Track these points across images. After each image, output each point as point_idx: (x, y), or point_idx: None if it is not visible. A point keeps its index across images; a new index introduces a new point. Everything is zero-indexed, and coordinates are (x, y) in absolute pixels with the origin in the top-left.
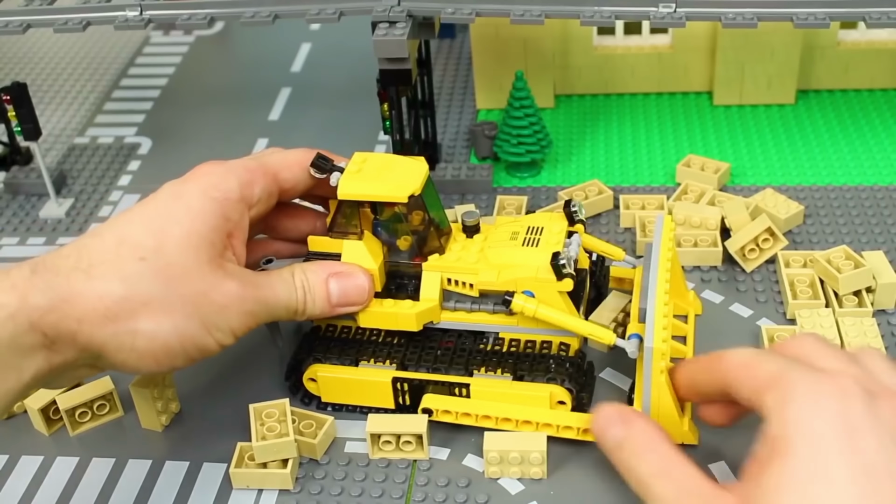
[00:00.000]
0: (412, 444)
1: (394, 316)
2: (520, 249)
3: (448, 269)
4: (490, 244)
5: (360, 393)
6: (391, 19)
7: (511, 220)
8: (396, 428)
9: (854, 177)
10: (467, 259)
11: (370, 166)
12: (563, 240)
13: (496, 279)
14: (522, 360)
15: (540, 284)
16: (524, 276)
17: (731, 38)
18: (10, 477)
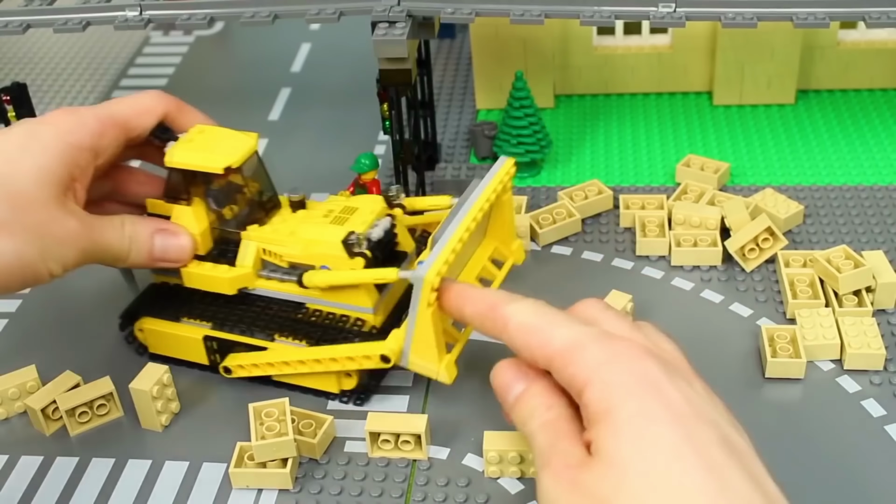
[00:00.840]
0: (411, 443)
1: (211, 278)
2: (325, 226)
3: (263, 240)
4: (304, 220)
5: (178, 347)
6: (391, 19)
7: (336, 199)
8: (395, 427)
9: (854, 177)
10: (282, 232)
11: (203, 138)
12: (371, 220)
13: (300, 252)
14: (318, 329)
15: (335, 261)
16: (322, 252)
17: (731, 38)
18: (10, 477)
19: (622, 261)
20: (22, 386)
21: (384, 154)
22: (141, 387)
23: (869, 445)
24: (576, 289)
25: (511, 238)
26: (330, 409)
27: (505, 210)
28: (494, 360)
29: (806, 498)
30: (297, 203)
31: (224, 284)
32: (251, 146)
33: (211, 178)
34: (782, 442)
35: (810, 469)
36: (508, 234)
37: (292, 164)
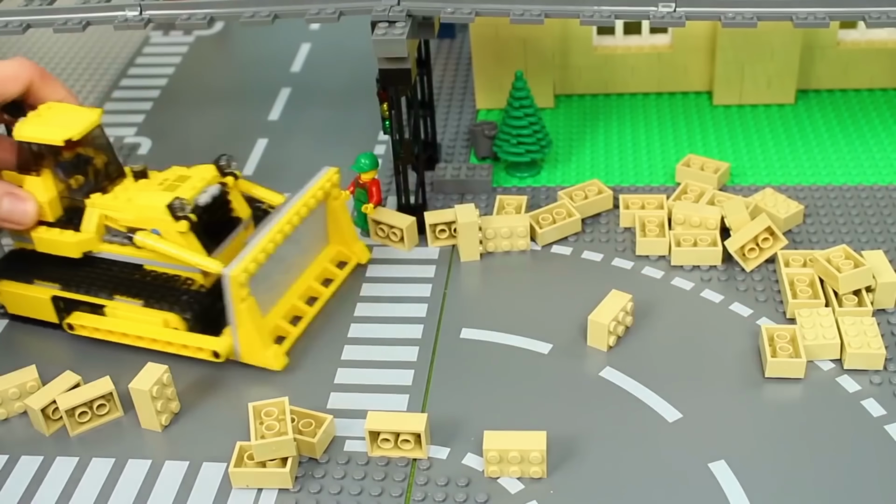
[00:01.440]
0: (410, 442)
1: (59, 242)
2: (157, 193)
3: (105, 207)
4: (142, 188)
5: (32, 307)
6: (391, 19)
7: (174, 170)
8: (395, 426)
9: (854, 177)
10: (121, 199)
11: (50, 113)
12: (200, 187)
13: (134, 217)
14: (151, 287)
15: (162, 224)
16: (152, 216)
17: (731, 38)
18: (9, 477)
19: (622, 261)
20: (22, 386)
21: (384, 154)
22: (140, 387)
23: (869, 445)
24: (576, 289)
25: (352, 240)
26: (330, 408)
27: (339, 216)
28: (495, 361)
29: (806, 498)
30: (139, 173)
31: (70, 248)
32: (93, 121)
33: (57, 150)
34: (782, 442)
35: (810, 469)
36: (349, 237)
37: (292, 164)
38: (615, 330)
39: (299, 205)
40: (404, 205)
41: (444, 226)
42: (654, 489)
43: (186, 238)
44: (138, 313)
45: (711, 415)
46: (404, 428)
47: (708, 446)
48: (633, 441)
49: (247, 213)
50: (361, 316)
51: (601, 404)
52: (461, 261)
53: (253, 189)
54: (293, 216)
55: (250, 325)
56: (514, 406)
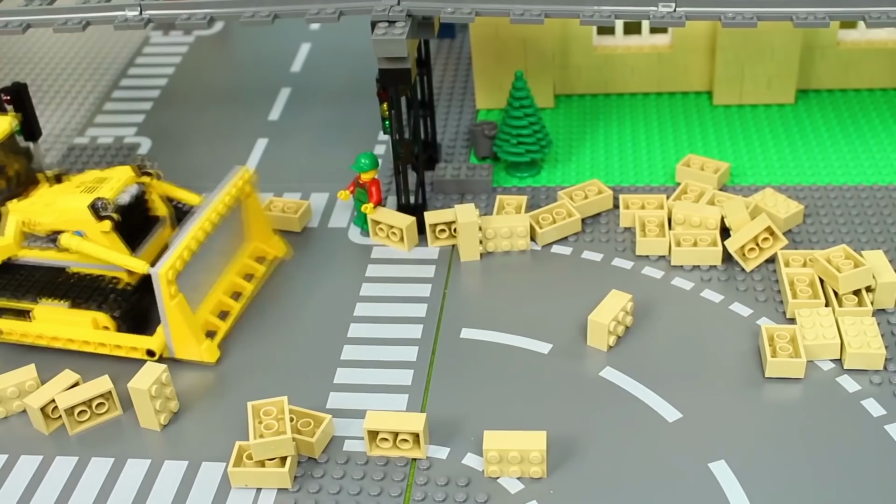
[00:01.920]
0: (409, 442)
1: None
2: (77, 195)
3: (23, 212)
4: (60, 191)
5: None
6: (390, 19)
7: (90, 173)
8: (393, 426)
9: (854, 177)
10: (39, 204)
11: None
12: (119, 188)
13: (55, 220)
14: (76, 289)
15: (85, 225)
16: (74, 218)
17: (731, 38)
18: (9, 477)
19: (622, 261)
20: (21, 385)
21: (384, 154)
22: (139, 386)
23: (869, 445)
24: (576, 289)
25: (269, 236)
26: (329, 408)
27: (254, 213)
28: (495, 361)
29: (806, 498)
30: (54, 178)
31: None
32: (5, 129)
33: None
34: (782, 442)
35: (810, 469)
36: (265, 233)
37: (292, 164)
38: (615, 330)
39: (216, 203)
40: (404, 205)
41: (444, 226)
42: (654, 489)
43: (110, 238)
44: (66, 315)
45: (711, 415)
46: (403, 427)
47: (708, 446)
48: (633, 441)
49: (165, 213)
50: (361, 316)
51: (601, 404)
52: (461, 261)
53: (171, 190)
54: (212, 214)
55: (182, 322)
56: (514, 406)
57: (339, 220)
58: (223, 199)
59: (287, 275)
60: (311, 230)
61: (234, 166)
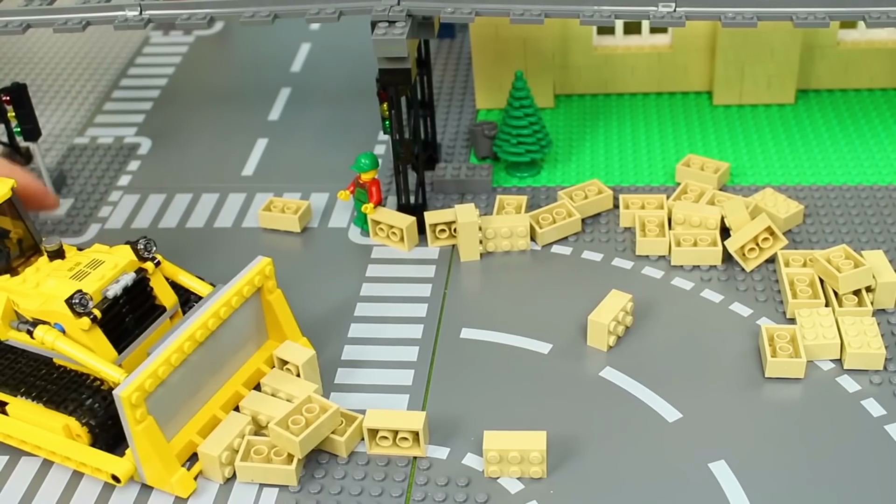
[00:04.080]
0: (409, 440)
1: None
2: (64, 281)
3: (12, 291)
4: (51, 272)
5: None
6: (390, 19)
7: (89, 252)
8: (393, 424)
9: (854, 177)
10: (29, 283)
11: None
12: (112, 276)
13: (37, 307)
14: (54, 387)
15: (65, 319)
16: (54, 310)
17: (731, 38)
18: (10, 477)
19: (622, 261)
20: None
21: (384, 154)
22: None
23: (869, 445)
24: (576, 289)
25: (295, 337)
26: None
27: (276, 310)
28: (495, 361)
29: (806, 498)
30: (53, 252)
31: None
32: (3, 192)
33: None
34: (782, 442)
35: (810, 469)
36: (289, 333)
37: (292, 164)
38: (615, 330)
39: (218, 304)
40: (404, 205)
41: (444, 226)
42: (654, 489)
43: (91, 335)
44: (39, 416)
45: (711, 415)
46: (402, 426)
47: (708, 446)
48: (633, 441)
49: (172, 301)
50: (361, 315)
51: (601, 404)
52: (461, 261)
53: (178, 275)
54: (209, 318)
55: (150, 450)
56: (513, 406)
57: (339, 220)
58: (227, 299)
59: (287, 275)
60: (311, 230)
61: (256, 257)
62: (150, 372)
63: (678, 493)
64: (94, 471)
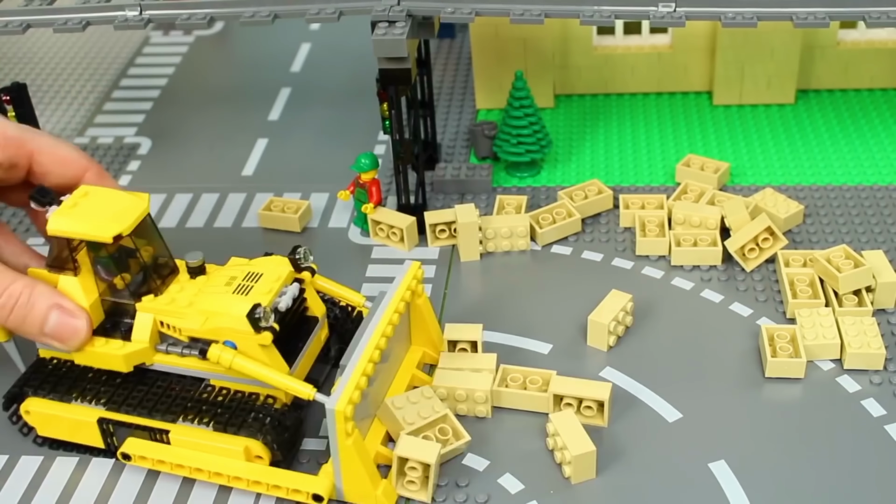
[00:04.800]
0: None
1: (104, 355)
2: (228, 297)
3: (161, 312)
4: (204, 289)
5: (72, 430)
6: (391, 19)
7: (238, 264)
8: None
9: (854, 177)
10: (180, 303)
11: (88, 202)
12: (278, 288)
13: (200, 326)
14: (224, 409)
15: (240, 336)
16: (226, 327)
17: (731, 38)
18: (10, 477)
19: (622, 260)
20: None
21: (384, 154)
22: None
23: (869, 445)
24: (576, 289)
25: (438, 340)
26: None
27: (423, 315)
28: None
29: (806, 498)
30: (195, 269)
31: (118, 361)
32: (142, 209)
33: (99, 245)
34: (782, 442)
35: (810, 469)
36: (434, 337)
37: (292, 164)
38: (615, 330)
39: (390, 312)
40: (404, 205)
41: (444, 226)
42: (655, 489)
43: (268, 352)
44: (209, 440)
45: (711, 415)
46: (588, 394)
47: (708, 446)
48: (633, 441)
49: (322, 311)
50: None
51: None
52: (461, 261)
53: (330, 287)
54: (386, 328)
55: (358, 463)
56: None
57: (339, 220)
58: (396, 305)
59: None
60: (311, 230)
61: (405, 262)
62: (355, 384)
63: (678, 493)
64: (292, 492)
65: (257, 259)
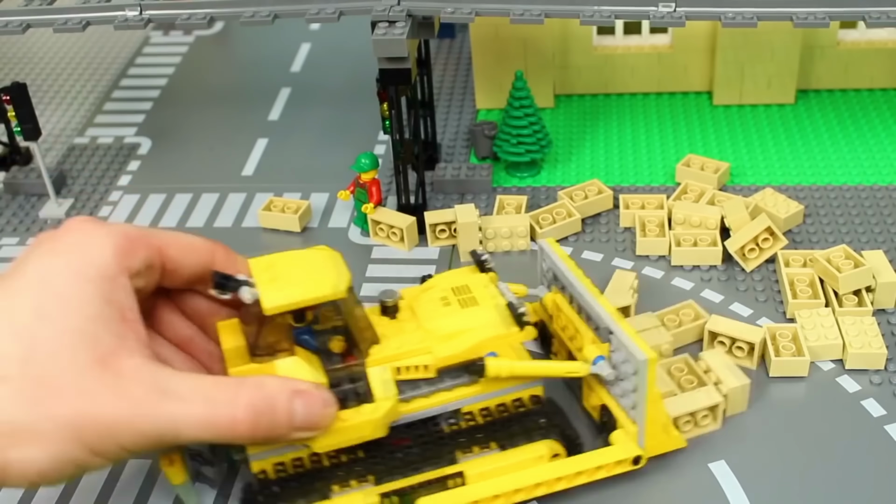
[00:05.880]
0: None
1: (357, 427)
2: (465, 312)
3: (396, 358)
4: (425, 317)
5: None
6: (391, 19)
7: (427, 288)
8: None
9: (854, 177)
10: (411, 341)
11: (281, 270)
12: (495, 291)
13: (457, 350)
14: (500, 426)
15: (502, 341)
16: (486, 338)
17: (731, 38)
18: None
19: (622, 260)
20: None
21: (384, 154)
22: None
23: (869, 445)
24: None
25: None
26: None
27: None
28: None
29: (806, 498)
30: (391, 308)
31: (374, 427)
32: (339, 256)
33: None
34: (782, 442)
35: (810, 469)
36: None
37: (292, 164)
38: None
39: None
40: (404, 205)
41: (444, 226)
42: (654, 489)
43: (519, 351)
44: (507, 460)
45: None
46: (741, 336)
47: (708, 446)
48: None
49: None
50: None
51: None
52: (461, 261)
53: None
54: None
55: (663, 410)
56: None
57: (339, 220)
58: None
59: None
60: (311, 230)
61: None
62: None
63: (678, 493)
64: (615, 467)
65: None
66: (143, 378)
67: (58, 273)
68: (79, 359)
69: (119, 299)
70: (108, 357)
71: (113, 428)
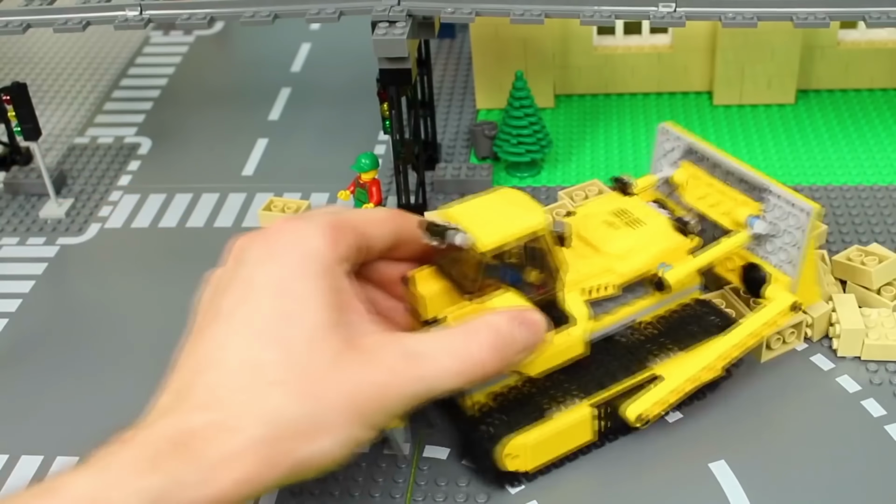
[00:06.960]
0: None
1: (561, 348)
2: (636, 231)
3: (583, 281)
4: (600, 242)
5: (561, 443)
6: (391, 19)
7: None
8: None
9: (854, 177)
10: (593, 264)
11: (479, 214)
12: (651, 210)
13: (637, 266)
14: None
15: (673, 251)
16: (660, 250)
17: (731, 38)
18: (10, 477)
19: None
20: None
21: (384, 154)
22: None
23: (869, 445)
24: None
25: None
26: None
27: None
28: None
29: (806, 498)
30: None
31: (578, 346)
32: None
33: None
34: (782, 442)
35: (810, 469)
36: None
37: (292, 164)
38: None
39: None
40: (404, 205)
41: None
42: (654, 489)
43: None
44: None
45: (711, 415)
46: None
47: (708, 446)
48: (633, 441)
49: None
50: None
51: None
52: None
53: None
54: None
55: (815, 261)
56: None
57: None
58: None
59: None
60: None
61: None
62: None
63: (678, 493)
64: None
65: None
66: (390, 348)
67: (286, 275)
68: (332, 348)
69: (342, 286)
70: (353, 339)
71: (384, 399)
